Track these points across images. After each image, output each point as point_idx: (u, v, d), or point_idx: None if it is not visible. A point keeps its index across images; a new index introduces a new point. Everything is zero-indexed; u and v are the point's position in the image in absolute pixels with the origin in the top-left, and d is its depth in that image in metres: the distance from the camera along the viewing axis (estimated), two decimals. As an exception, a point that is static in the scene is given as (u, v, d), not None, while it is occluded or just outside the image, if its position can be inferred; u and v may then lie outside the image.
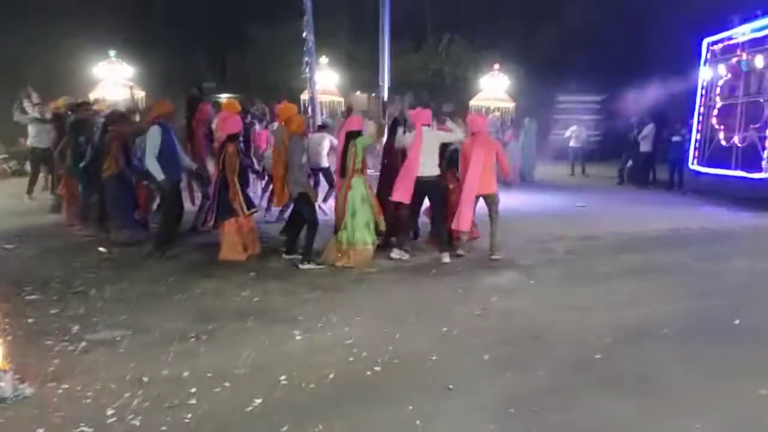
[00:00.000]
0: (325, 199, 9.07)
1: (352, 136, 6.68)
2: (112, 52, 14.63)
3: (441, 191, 7.00)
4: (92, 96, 14.53)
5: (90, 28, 17.99)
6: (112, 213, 7.62)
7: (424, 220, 7.51)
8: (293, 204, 7.02)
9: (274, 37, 22.47)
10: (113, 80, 14.55)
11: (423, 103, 24.61)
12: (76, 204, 8.44)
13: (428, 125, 7.00)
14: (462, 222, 6.86)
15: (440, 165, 6.93)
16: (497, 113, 17.60)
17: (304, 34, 12.42)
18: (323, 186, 9.15)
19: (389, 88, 13.04)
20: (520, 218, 9.58)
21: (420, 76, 23.69)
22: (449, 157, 7.19)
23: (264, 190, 9.76)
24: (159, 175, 6.60)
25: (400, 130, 7.33)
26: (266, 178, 9.28)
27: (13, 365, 3.59)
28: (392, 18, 14.29)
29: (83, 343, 4.30)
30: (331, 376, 3.81)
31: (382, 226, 6.81)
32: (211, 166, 7.56)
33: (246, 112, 9.29)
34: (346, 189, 6.66)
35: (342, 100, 18.00)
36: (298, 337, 4.48)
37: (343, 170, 6.80)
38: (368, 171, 7.14)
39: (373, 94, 25.60)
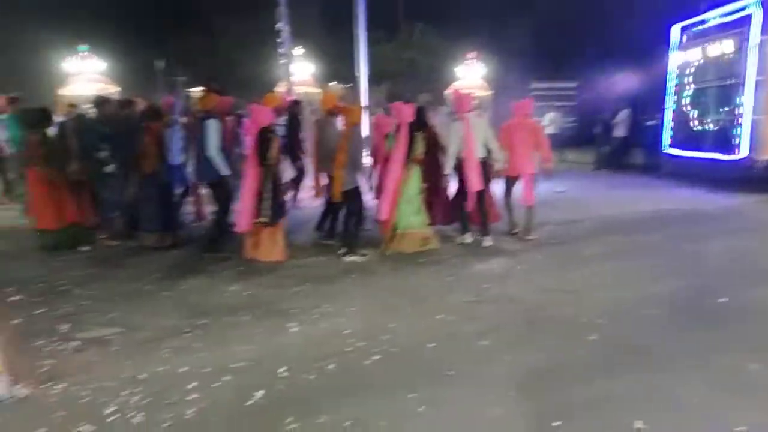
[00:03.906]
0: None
1: (415, 127, 6.63)
2: (83, 47, 14.22)
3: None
4: (61, 91, 14.23)
5: (57, 22, 17.53)
6: (144, 214, 7.10)
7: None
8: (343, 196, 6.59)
9: (245, 29, 22.17)
10: (85, 75, 14.16)
11: (400, 94, 24.64)
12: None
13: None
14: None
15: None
16: (476, 102, 17.65)
17: (278, 25, 12.28)
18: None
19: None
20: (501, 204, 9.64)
21: (394, 66, 23.63)
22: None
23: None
24: (223, 169, 6.50)
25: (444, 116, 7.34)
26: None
27: (6, 367, 3.49)
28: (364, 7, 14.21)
29: (75, 343, 4.22)
30: (331, 366, 3.80)
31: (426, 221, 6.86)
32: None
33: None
34: (403, 177, 6.61)
35: (319, 91, 17.86)
36: (294, 329, 4.46)
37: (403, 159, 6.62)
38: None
39: (349, 85, 25.50)
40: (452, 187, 7.27)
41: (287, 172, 8.67)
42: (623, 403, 3.31)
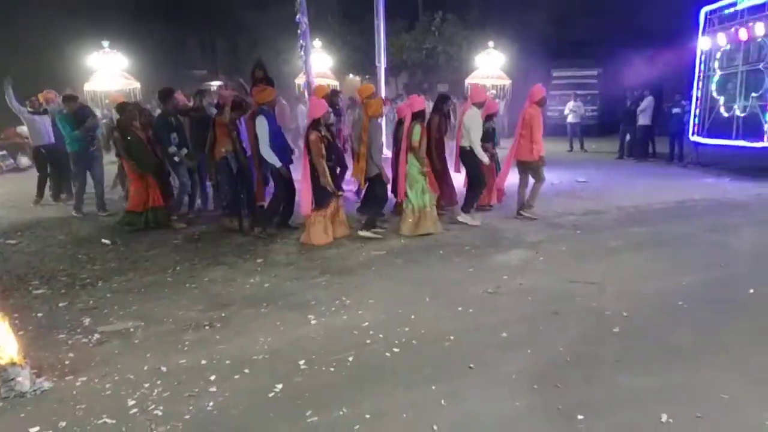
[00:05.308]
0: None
1: (416, 117, 6.90)
2: (105, 42, 14.34)
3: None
4: (87, 87, 14.37)
5: (79, 18, 17.69)
6: (219, 198, 7.78)
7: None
8: (367, 182, 7.31)
9: (264, 21, 22.19)
10: (108, 71, 14.29)
11: (418, 83, 24.41)
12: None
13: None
14: (498, 180, 8.13)
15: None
16: (493, 91, 17.48)
17: (297, 17, 12.22)
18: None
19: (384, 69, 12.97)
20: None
21: (413, 56, 23.42)
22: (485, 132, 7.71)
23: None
24: (276, 162, 6.84)
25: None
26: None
27: (29, 360, 3.53)
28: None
29: (96, 335, 4.26)
30: (350, 359, 3.78)
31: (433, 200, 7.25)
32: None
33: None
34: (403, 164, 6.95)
35: (337, 83, 17.82)
36: (313, 322, 4.44)
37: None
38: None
39: (367, 77, 25.39)
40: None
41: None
42: (649, 397, 3.23)
